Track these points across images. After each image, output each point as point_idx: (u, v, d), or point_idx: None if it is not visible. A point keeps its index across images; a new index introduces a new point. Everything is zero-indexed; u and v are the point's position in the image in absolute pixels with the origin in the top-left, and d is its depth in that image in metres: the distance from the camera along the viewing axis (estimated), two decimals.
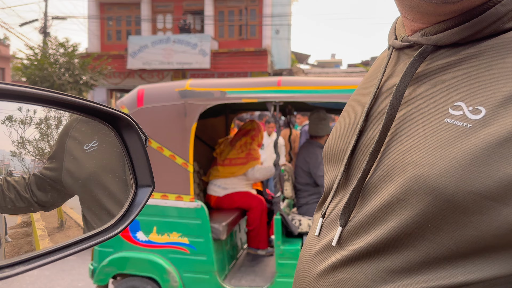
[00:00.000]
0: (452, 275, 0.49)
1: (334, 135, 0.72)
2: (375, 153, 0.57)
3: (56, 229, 0.59)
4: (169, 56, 16.05)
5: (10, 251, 0.52)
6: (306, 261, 0.66)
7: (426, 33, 0.58)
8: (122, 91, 19.64)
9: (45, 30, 16.84)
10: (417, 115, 0.55)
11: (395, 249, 0.52)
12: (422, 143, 0.52)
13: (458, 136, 0.49)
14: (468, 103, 0.50)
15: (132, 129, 0.60)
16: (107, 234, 0.57)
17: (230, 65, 16.26)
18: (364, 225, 0.56)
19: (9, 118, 0.51)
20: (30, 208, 0.55)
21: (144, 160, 0.61)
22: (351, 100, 0.74)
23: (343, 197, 0.63)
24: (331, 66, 23.73)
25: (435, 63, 0.57)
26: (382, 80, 0.65)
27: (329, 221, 0.64)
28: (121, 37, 18.14)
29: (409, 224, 0.51)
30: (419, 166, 0.50)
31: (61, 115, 0.58)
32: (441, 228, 0.49)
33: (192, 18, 17.98)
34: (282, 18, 18.13)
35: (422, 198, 0.49)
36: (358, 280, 0.56)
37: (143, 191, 0.61)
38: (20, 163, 0.52)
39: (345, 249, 0.58)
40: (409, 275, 0.51)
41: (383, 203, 0.54)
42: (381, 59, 0.72)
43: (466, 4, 0.53)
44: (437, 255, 0.49)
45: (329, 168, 0.72)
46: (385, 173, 0.55)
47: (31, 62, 13.22)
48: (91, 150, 0.63)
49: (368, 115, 0.63)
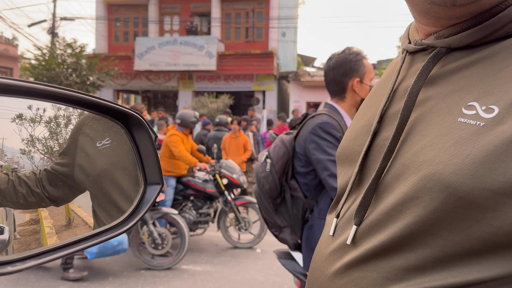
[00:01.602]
0: (466, 273, 0.49)
1: (348, 137, 0.74)
2: (389, 153, 0.58)
3: (64, 227, 0.59)
4: (175, 57, 16.11)
5: (18, 248, 0.53)
6: (321, 261, 0.67)
7: (439, 36, 0.59)
8: (128, 92, 19.74)
9: (53, 30, 16.96)
10: (431, 116, 0.56)
11: (410, 247, 0.53)
12: (436, 142, 0.53)
13: (472, 135, 0.49)
14: (482, 103, 0.51)
15: (142, 127, 0.61)
16: (116, 231, 0.58)
17: (236, 67, 16.29)
18: (378, 224, 0.57)
19: (19, 116, 0.51)
20: (41, 203, 0.55)
21: (153, 158, 0.61)
22: (364, 103, 0.76)
23: (357, 197, 0.63)
24: None
25: (448, 65, 0.58)
26: (396, 83, 0.66)
27: (344, 221, 0.65)
28: (128, 38, 18.23)
29: (423, 221, 0.51)
30: (434, 164, 0.51)
31: (70, 114, 0.59)
32: (455, 225, 0.49)
33: (199, 20, 18.04)
34: (289, 20, 18.14)
35: (436, 195, 0.50)
36: (373, 279, 0.56)
37: (152, 189, 0.62)
38: (30, 161, 0.53)
39: (359, 247, 0.59)
40: (424, 273, 0.52)
41: (397, 201, 0.55)
42: (395, 64, 0.73)
43: (476, 7, 0.53)
44: (451, 252, 0.50)
45: (342, 170, 0.73)
46: (399, 172, 0.56)
47: (39, 62, 13.31)
48: (104, 147, 0.64)
49: (382, 117, 0.65)
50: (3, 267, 0.43)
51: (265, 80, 16.70)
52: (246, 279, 4.27)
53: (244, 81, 16.91)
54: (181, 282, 4.16)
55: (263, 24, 16.97)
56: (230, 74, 16.68)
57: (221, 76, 16.90)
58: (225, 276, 4.36)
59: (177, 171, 5.30)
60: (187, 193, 5.32)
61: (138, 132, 0.62)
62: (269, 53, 16.11)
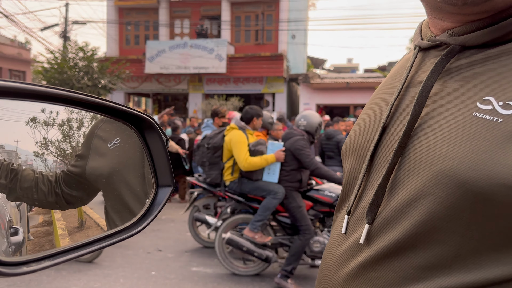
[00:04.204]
0: (486, 270, 0.48)
1: (355, 132, 0.72)
2: (400, 148, 0.57)
3: (76, 229, 0.60)
4: (186, 60, 16.19)
5: (32, 249, 0.53)
6: (332, 260, 0.65)
7: (454, 34, 0.58)
8: (139, 95, 19.85)
9: (65, 34, 17.16)
10: (443, 110, 0.55)
11: (425, 244, 0.52)
12: (449, 136, 0.52)
13: (488, 130, 0.49)
14: (498, 98, 0.50)
15: (154, 131, 0.61)
16: (128, 233, 0.58)
17: (246, 70, 16.31)
18: (391, 221, 0.56)
19: (33, 119, 0.52)
20: (58, 205, 0.56)
21: (165, 160, 0.62)
22: (372, 98, 0.75)
23: (368, 194, 0.62)
24: (347, 71, 23.55)
25: (462, 61, 0.57)
26: (408, 79, 0.65)
27: (355, 218, 0.63)
28: (139, 41, 18.37)
29: (438, 217, 0.50)
30: (448, 159, 0.50)
31: (83, 117, 0.59)
32: (472, 221, 0.48)
33: (209, 23, 18.11)
34: (299, 23, 18.13)
35: (452, 191, 0.49)
36: (389, 278, 0.55)
37: (164, 191, 0.62)
38: (43, 164, 0.54)
39: (373, 246, 0.57)
40: (442, 271, 0.51)
41: (410, 197, 0.53)
42: (405, 60, 0.72)
43: (489, 6, 0.53)
44: (470, 249, 0.49)
45: (348, 165, 0.72)
46: (411, 167, 0.55)
47: (51, 66, 13.47)
48: (114, 147, 0.65)
49: (392, 112, 0.63)
50: (19, 268, 0.44)
51: (274, 82, 16.70)
52: (256, 281, 4.26)
53: (254, 84, 16.92)
54: (192, 284, 4.16)
55: (273, 27, 16.98)
56: (240, 76, 16.70)
57: (231, 79, 16.93)
58: (235, 278, 4.36)
59: None
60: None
61: (150, 135, 0.62)
62: (278, 55, 16.11)
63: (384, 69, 18.40)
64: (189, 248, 5.44)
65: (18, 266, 0.45)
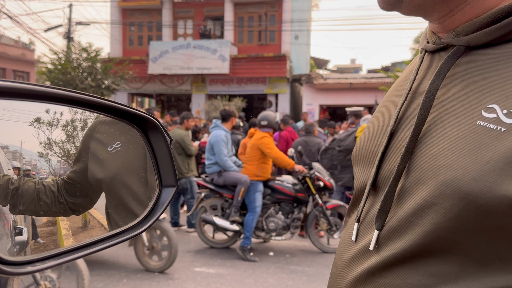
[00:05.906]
0: (492, 279, 0.48)
1: (364, 138, 0.72)
2: (407, 154, 0.56)
3: (80, 229, 0.60)
4: (189, 61, 16.21)
5: (36, 249, 0.53)
6: (342, 266, 0.65)
7: (457, 34, 0.58)
8: (142, 96, 19.90)
9: (69, 35, 17.22)
10: (449, 117, 0.55)
11: (433, 253, 0.52)
12: (454, 146, 0.51)
13: (492, 140, 0.48)
14: (502, 106, 0.49)
15: (158, 131, 0.61)
16: (132, 232, 0.58)
17: (249, 70, 16.32)
18: (398, 229, 0.55)
19: (37, 120, 0.52)
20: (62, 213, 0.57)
21: (168, 161, 0.62)
22: (381, 103, 0.74)
23: (376, 200, 0.62)
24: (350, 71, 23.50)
25: (467, 64, 0.57)
26: (414, 83, 0.64)
27: (365, 225, 0.63)
28: (143, 42, 18.41)
29: (444, 228, 0.50)
30: (452, 169, 0.50)
31: (86, 118, 0.60)
32: (478, 232, 0.48)
33: (212, 24, 18.13)
34: (302, 23, 18.12)
35: (456, 202, 0.48)
36: (397, 285, 0.55)
37: (167, 191, 0.62)
38: (47, 164, 0.54)
39: (381, 253, 0.57)
40: (449, 279, 0.50)
41: (416, 207, 0.53)
42: (413, 64, 0.72)
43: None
44: (475, 259, 0.49)
45: (358, 170, 0.71)
46: (418, 176, 0.54)
47: (55, 67, 13.51)
48: (115, 151, 0.65)
49: (399, 117, 0.63)
50: (23, 267, 0.44)
51: (278, 83, 16.70)
52: (259, 282, 4.26)
53: (257, 84, 16.93)
54: (195, 285, 4.17)
55: (276, 27, 16.98)
56: (243, 77, 16.71)
57: (234, 79, 16.94)
58: (238, 278, 4.36)
59: (265, 175, 5.13)
60: (276, 198, 5.18)
61: (153, 135, 0.62)
62: (282, 56, 16.11)
63: (388, 69, 18.36)
64: (192, 248, 5.44)
65: (23, 265, 0.45)
